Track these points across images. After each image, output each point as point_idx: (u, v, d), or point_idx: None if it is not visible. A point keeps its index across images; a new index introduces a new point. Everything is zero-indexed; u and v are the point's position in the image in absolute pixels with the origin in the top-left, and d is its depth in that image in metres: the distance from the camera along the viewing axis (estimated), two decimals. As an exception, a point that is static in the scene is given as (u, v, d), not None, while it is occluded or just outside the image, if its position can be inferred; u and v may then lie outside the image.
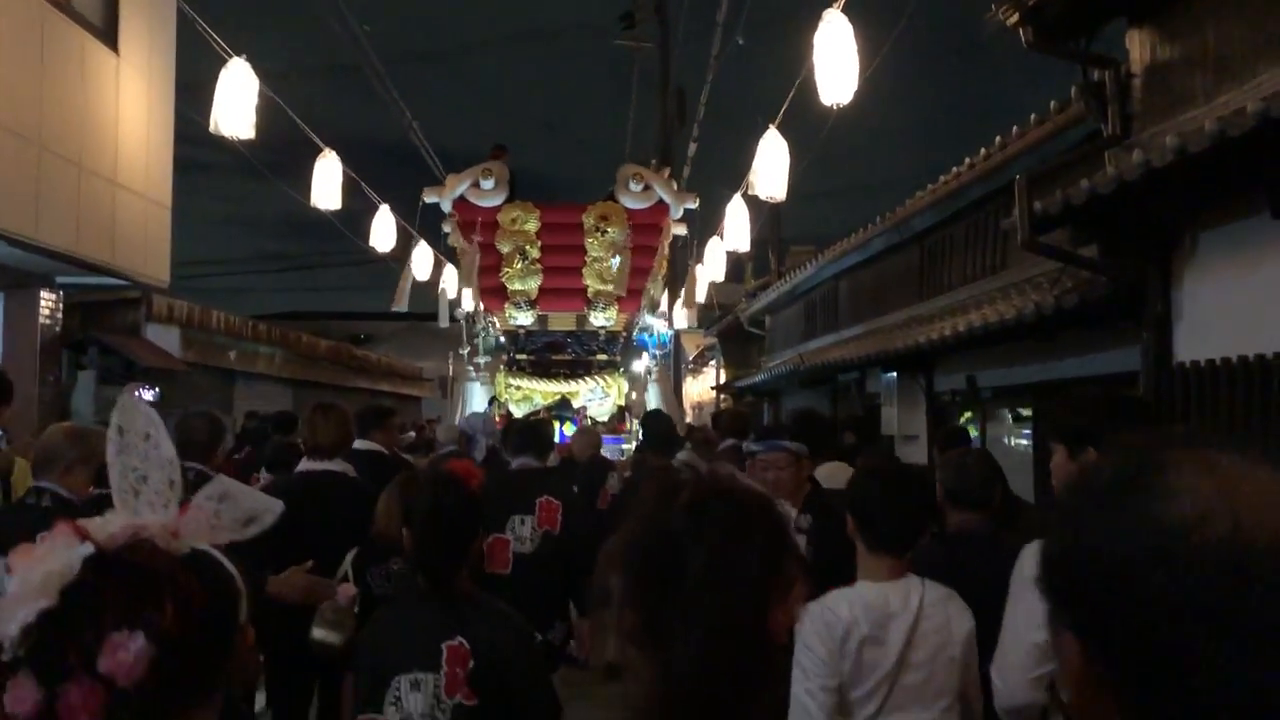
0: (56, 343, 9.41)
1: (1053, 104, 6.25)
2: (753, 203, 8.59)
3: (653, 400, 11.54)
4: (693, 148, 16.53)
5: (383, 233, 9.84)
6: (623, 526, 1.34)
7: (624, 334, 11.85)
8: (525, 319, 11.38)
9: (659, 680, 1.22)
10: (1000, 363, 7.37)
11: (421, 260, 11.08)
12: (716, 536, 1.24)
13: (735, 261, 13.85)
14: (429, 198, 10.70)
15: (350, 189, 8.54)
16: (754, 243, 9.57)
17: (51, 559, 1.05)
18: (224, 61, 6.13)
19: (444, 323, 12.12)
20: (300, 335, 15.82)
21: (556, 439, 7.08)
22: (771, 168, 7.19)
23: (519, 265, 10.79)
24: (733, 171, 9.44)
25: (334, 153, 7.87)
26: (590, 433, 8.03)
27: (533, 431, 5.14)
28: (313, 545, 3.52)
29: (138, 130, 8.89)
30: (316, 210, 8.00)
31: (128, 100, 8.66)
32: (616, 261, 10.80)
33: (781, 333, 14.67)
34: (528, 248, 10.78)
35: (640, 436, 7.55)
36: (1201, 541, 0.70)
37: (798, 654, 2.43)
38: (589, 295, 11.07)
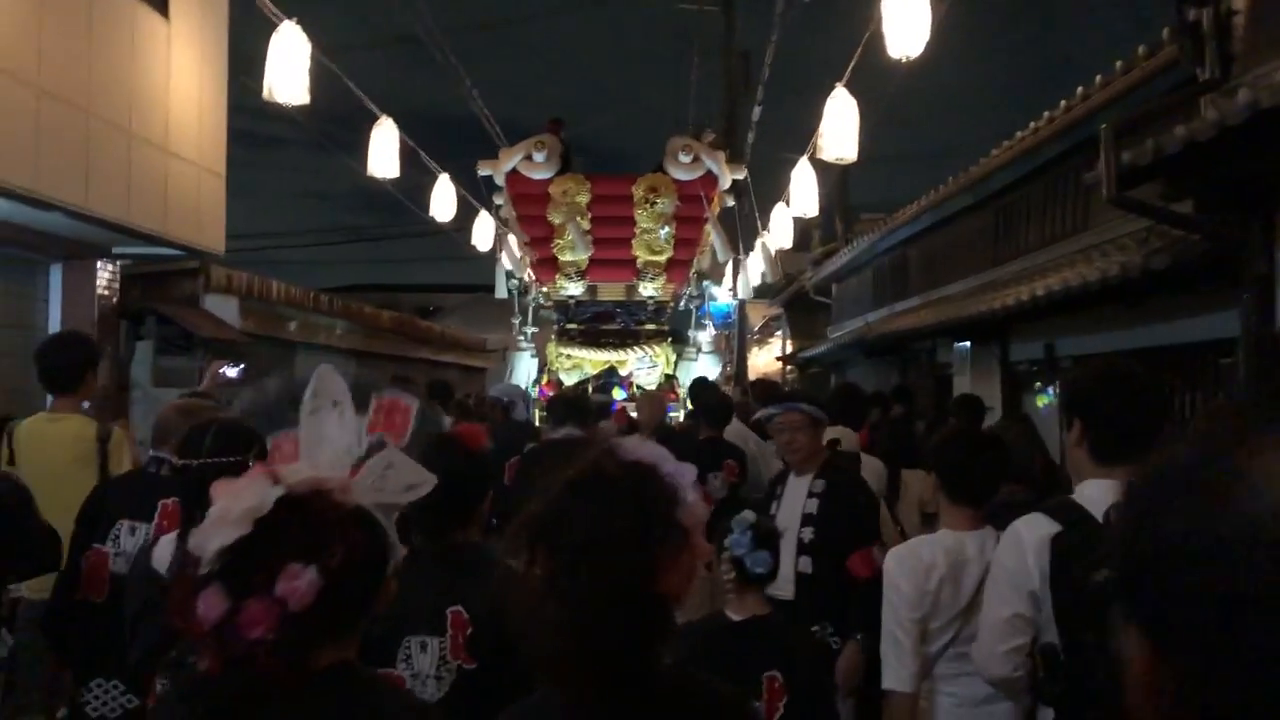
0: (114, 314, 9.40)
1: (1140, 49, 5.78)
2: (820, 166, 8.32)
3: (701, 371, 11.48)
4: (757, 111, 16.02)
5: (443, 202, 9.65)
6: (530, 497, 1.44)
7: (671, 304, 11.89)
8: (576, 289, 11.49)
9: (562, 629, 1.31)
10: (1081, 330, 6.93)
11: (482, 231, 11.00)
12: (592, 508, 1.35)
13: (803, 230, 13.71)
14: (483, 170, 10.77)
15: (414, 161, 8.56)
16: (821, 209, 9.22)
17: (250, 494, 1.25)
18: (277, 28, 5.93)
19: (501, 294, 12.20)
20: (362, 306, 15.77)
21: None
22: (840, 128, 6.79)
23: (570, 236, 10.87)
24: (799, 136, 9.09)
25: (390, 119, 7.59)
26: (656, 398, 7.92)
27: (574, 403, 5.41)
28: None
29: (189, 98, 8.79)
30: (385, 184, 7.84)
31: (179, 67, 8.55)
32: (665, 232, 10.88)
33: (847, 301, 14.23)
34: (579, 219, 10.87)
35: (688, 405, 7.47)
36: None
37: (887, 593, 2.80)
38: (638, 266, 11.16)
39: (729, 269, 15.03)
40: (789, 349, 25.23)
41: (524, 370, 11.48)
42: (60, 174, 6.94)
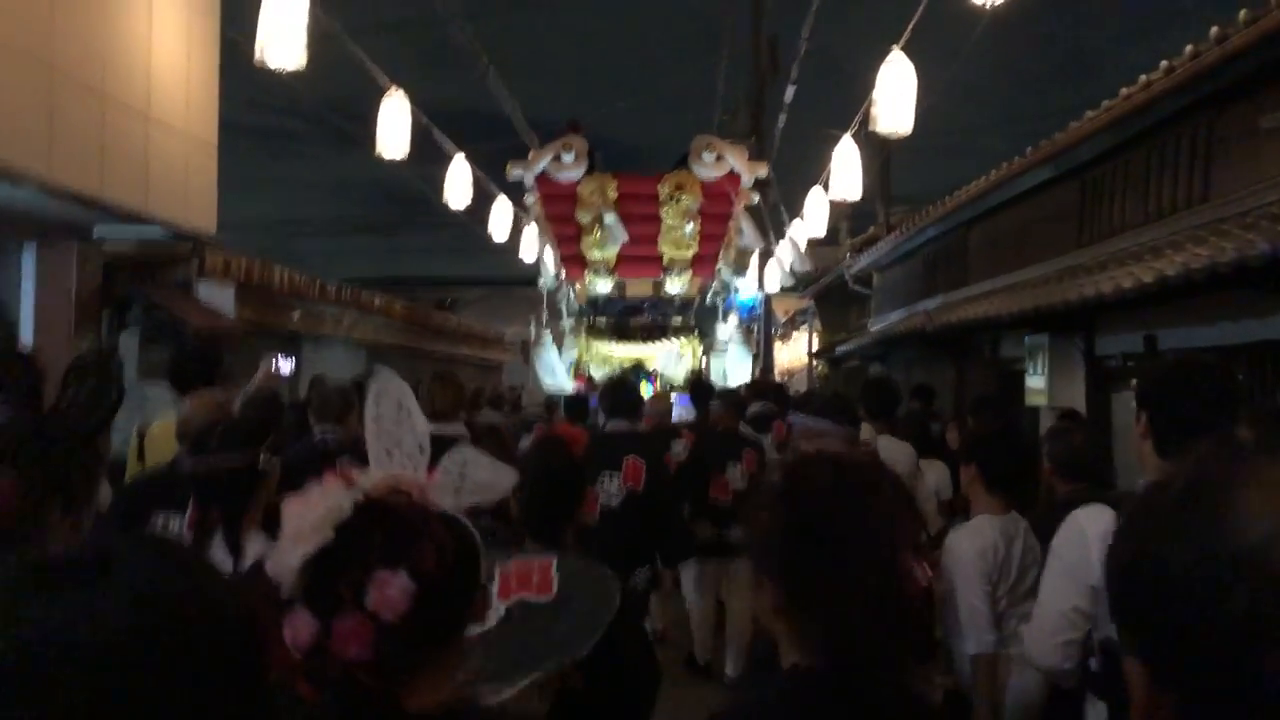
0: (95, 301, 8.52)
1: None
2: (864, 144, 7.99)
3: (732, 362, 12.00)
4: (790, 91, 15.18)
5: (458, 188, 9.07)
6: (751, 515, 1.47)
7: (698, 298, 12.28)
8: (604, 286, 11.86)
9: (816, 643, 1.33)
10: (1193, 319, 5.97)
11: (500, 219, 10.61)
12: (852, 509, 1.36)
13: (831, 223, 13.30)
14: (514, 171, 10.83)
15: (429, 151, 8.47)
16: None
17: (326, 501, 1.21)
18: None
19: (548, 285, 12.23)
20: (374, 296, 14.88)
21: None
22: (896, 98, 6.12)
23: (598, 234, 11.13)
24: (831, 117, 9.34)
25: (401, 91, 6.90)
26: (662, 400, 8.13)
27: (627, 398, 5.62)
28: None
29: (175, 59, 7.89)
30: (404, 177, 7.25)
31: (162, 24, 7.65)
32: (690, 228, 11.17)
33: (891, 292, 13.24)
34: (606, 217, 11.13)
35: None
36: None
37: (960, 568, 3.04)
38: (664, 262, 11.55)
39: (754, 260, 15.33)
40: (816, 344, 24.37)
41: (548, 364, 11.57)
42: (19, 140, 6.06)
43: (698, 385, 8.03)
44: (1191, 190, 6.00)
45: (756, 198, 12.34)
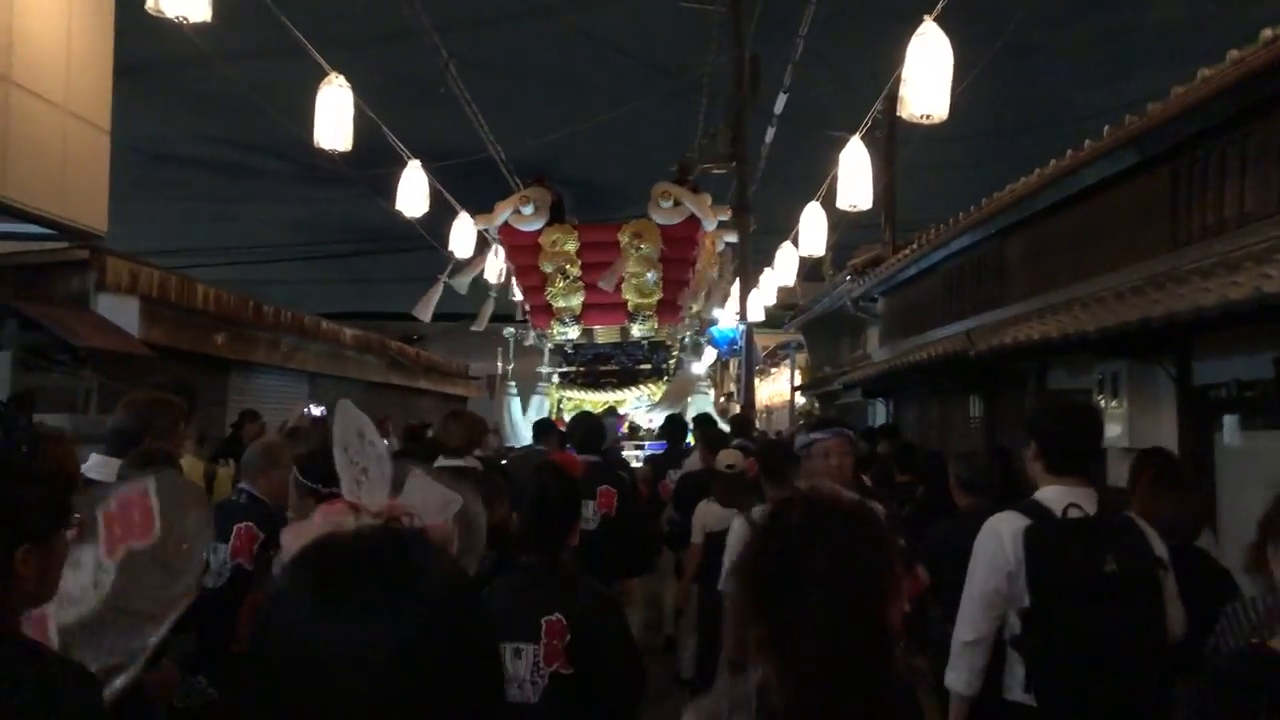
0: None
1: None
2: (830, 209, 8.62)
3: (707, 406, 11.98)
4: (781, 101, 14.07)
5: (412, 195, 8.84)
6: (737, 554, 1.56)
7: (668, 344, 12.25)
8: (572, 333, 11.93)
9: (792, 682, 1.33)
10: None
11: (461, 236, 10.89)
12: (831, 545, 1.36)
13: (813, 263, 13.68)
14: (479, 225, 11.09)
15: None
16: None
17: (329, 527, 1.19)
18: None
19: (479, 327, 12.83)
20: (319, 320, 13.32)
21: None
22: (928, 78, 5.24)
23: (561, 284, 11.36)
24: (809, 175, 9.61)
25: (341, 78, 6.52)
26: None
27: (596, 432, 6.02)
28: None
29: (49, 21, 6.40)
30: (373, 216, 7.46)
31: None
32: (652, 276, 11.28)
33: (901, 317, 11.82)
34: (568, 267, 11.29)
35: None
36: None
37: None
38: (629, 309, 11.58)
39: (735, 290, 15.23)
40: (799, 379, 22.98)
41: (515, 418, 12.10)
42: None
43: (674, 425, 8.43)
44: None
45: (734, 236, 13.15)
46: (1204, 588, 2.96)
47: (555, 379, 12.26)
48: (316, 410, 10.84)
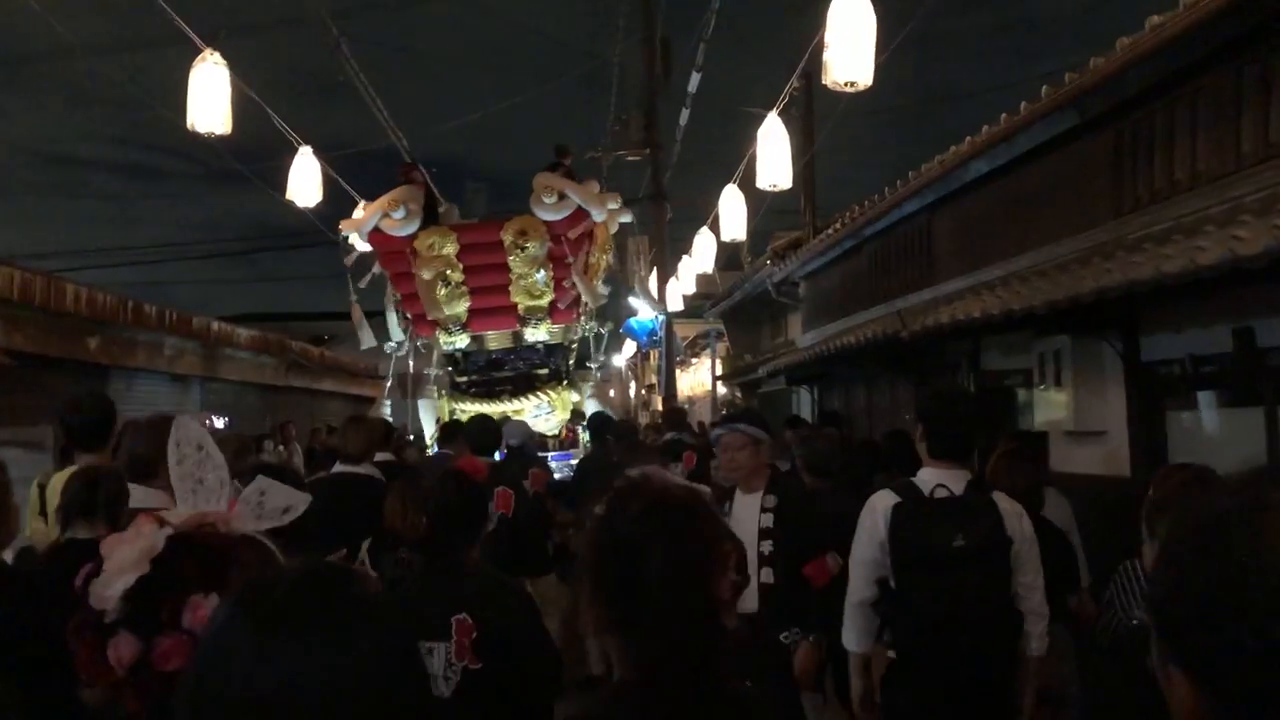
0: None
1: None
2: (748, 191, 8.43)
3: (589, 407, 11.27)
4: (695, 80, 13.66)
5: (304, 183, 8.39)
6: (581, 537, 1.80)
7: (566, 345, 11.41)
8: (460, 342, 11.06)
9: (637, 660, 1.47)
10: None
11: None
12: (666, 537, 1.48)
13: (731, 251, 13.49)
14: (345, 231, 10.42)
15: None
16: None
17: (141, 539, 1.35)
18: None
19: (367, 343, 11.78)
20: (209, 321, 12.41)
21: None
22: (851, 43, 5.06)
23: (443, 291, 10.51)
24: (725, 159, 9.33)
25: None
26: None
27: (490, 434, 6.43)
28: (343, 537, 3.85)
29: None
30: (279, 214, 7.54)
31: None
32: (541, 275, 10.49)
33: (824, 301, 11.42)
34: (449, 272, 10.44)
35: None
36: None
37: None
38: (520, 312, 10.74)
39: (653, 281, 14.94)
40: (719, 369, 22.60)
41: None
42: None
43: (600, 421, 8.15)
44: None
45: (628, 217, 12.13)
46: (1045, 545, 3.32)
47: (441, 392, 11.45)
48: (219, 421, 10.50)
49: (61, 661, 2.98)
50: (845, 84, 5.37)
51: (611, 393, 13.67)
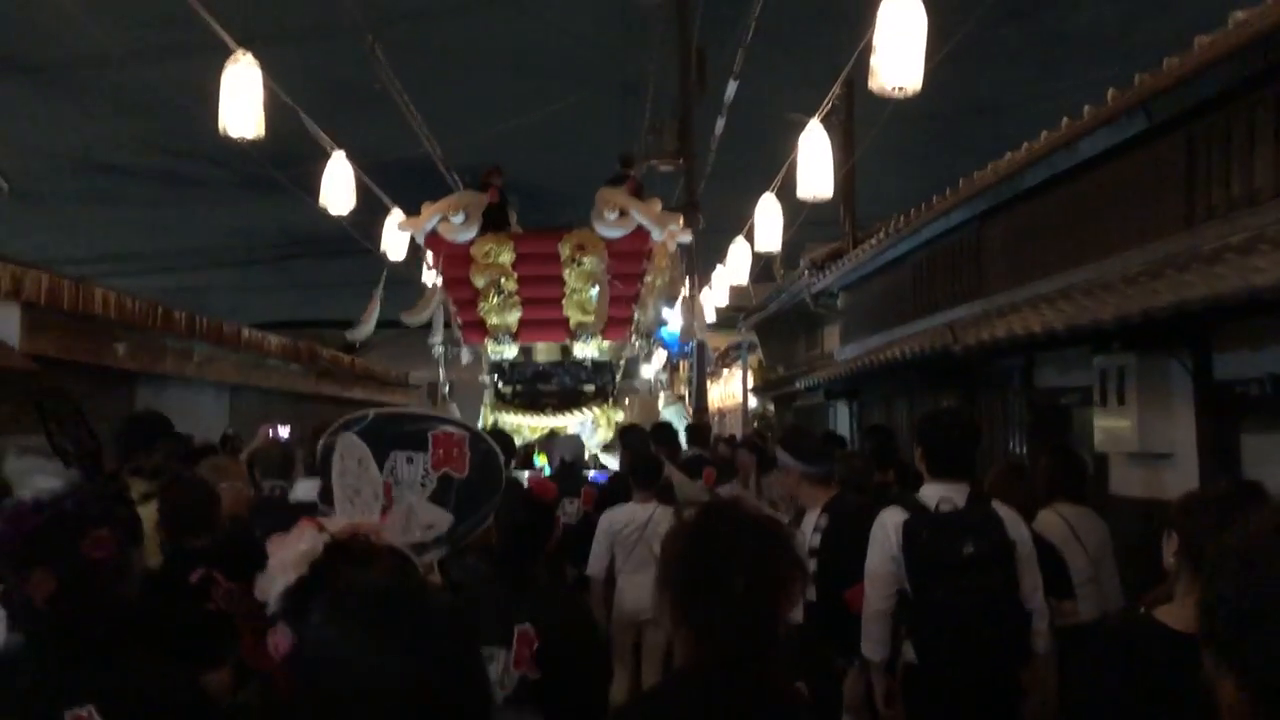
0: None
1: None
2: (785, 201, 8.31)
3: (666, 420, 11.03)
4: (732, 88, 13.40)
5: (339, 189, 8.21)
6: (670, 539, 1.85)
7: (614, 363, 11.24)
8: (509, 352, 11.00)
9: (710, 654, 1.69)
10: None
11: (394, 239, 10.56)
12: (752, 557, 1.70)
13: (764, 262, 13.38)
14: (404, 229, 10.45)
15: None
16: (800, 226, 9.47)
17: (303, 543, 1.50)
18: None
19: (358, 336, 11.99)
20: (239, 328, 12.31)
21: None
22: (900, 46, 4.86)
23: (495, 299, 10.53)
24: (761, 168, 9.17)
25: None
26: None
27: (508, 448, 6.01)
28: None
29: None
30: (312, 221, 8.72)
31: None
32: (595, 291, 10.42)
33: (864, 313, 11.13)
34: (503, 280, 10.45)
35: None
36: None
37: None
38: (571, 326, 10.68)
39: (683, 292, 14.66)
40: (752, 381, 22.27)
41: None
42: None
43: (662, 429, 8.00)
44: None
45: (688, 237, 12.10)
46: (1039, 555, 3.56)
47: (488, 400, 11.32)
48: (284, 431, 10.44)
49: (187, 652, 2.94)
50: (894, 89, 5.15)
51: (661, 403, 13.51)
